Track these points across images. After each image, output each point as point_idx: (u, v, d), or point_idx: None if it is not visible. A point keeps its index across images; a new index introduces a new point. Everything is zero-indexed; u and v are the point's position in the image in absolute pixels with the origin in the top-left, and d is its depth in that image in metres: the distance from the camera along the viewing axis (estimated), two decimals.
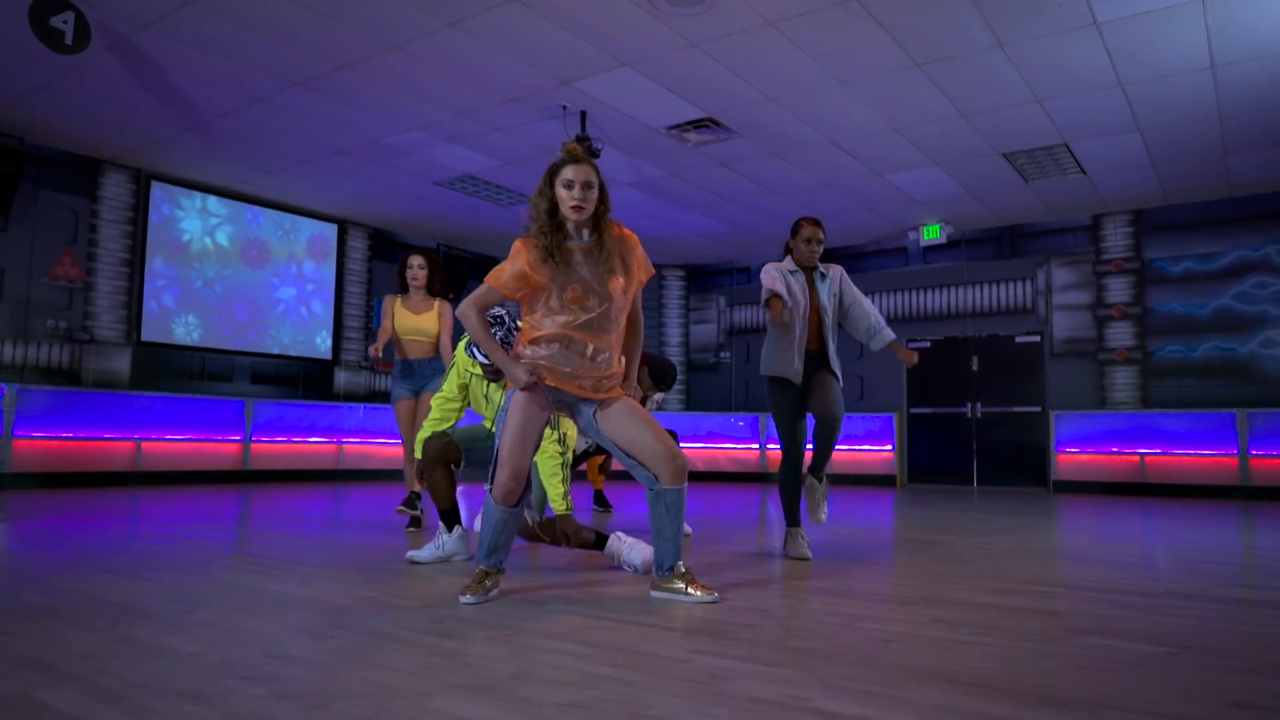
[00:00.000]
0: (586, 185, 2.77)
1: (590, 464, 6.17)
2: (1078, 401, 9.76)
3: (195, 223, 9.23)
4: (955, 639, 2.28)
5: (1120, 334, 9.60)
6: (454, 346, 5.09)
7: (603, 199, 2.84)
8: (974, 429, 10.47)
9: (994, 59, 5.97)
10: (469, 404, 3.93)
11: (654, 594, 2.86)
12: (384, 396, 10.93)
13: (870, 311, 4.09)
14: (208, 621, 2.39)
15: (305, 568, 3.44)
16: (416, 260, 5.18)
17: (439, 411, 3.88)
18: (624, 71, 6.30)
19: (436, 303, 5.19)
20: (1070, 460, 9.52)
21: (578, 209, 2.76)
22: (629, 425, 2.82)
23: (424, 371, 5.13)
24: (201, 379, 9.23)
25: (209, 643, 2.15)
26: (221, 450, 8.90)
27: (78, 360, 8.26)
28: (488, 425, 3.88)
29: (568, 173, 2.77)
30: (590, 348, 2.81)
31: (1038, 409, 10.05)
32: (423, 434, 3.87)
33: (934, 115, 6.99)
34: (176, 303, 9.03)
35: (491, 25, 5.59)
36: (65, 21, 5.13)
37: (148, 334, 8.75)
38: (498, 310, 3.35)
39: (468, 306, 2.81)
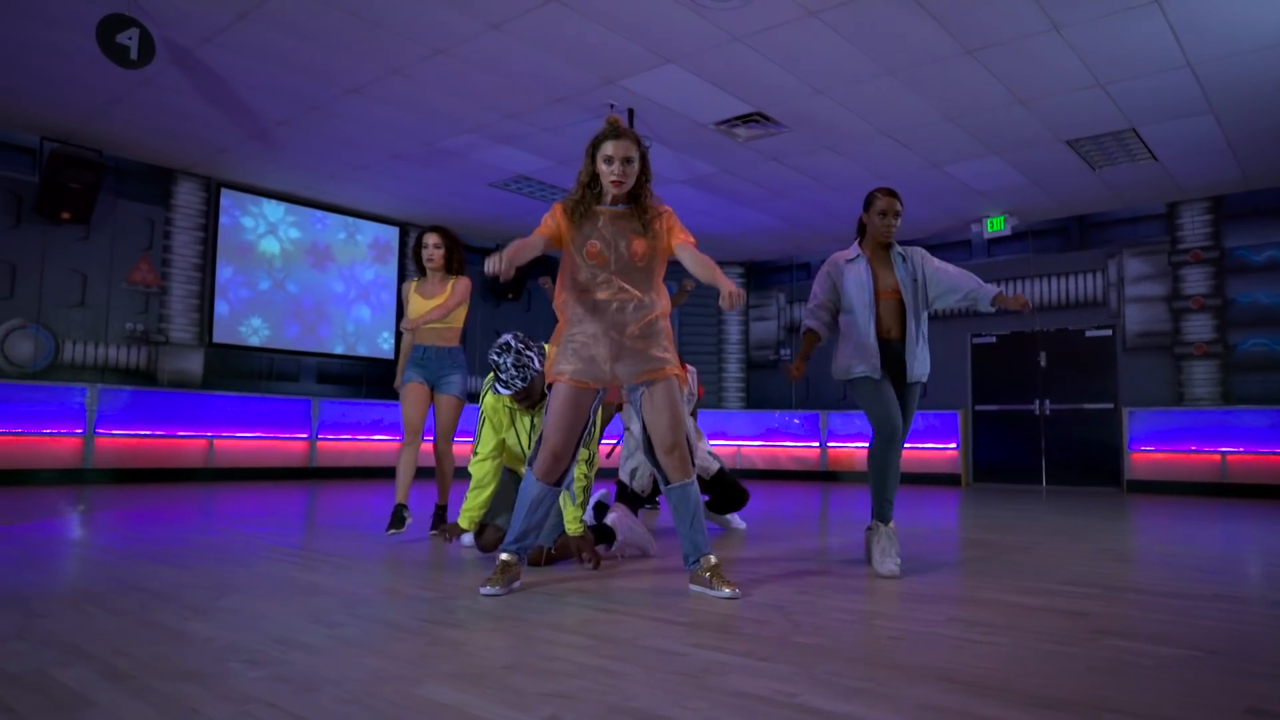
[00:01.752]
0: (626, 160, 2.85)
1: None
2: (1153, 398, 9.34)
3: (262, 228, 9.58)
4: (966, 638, 2.21)
5: (1199, 327, 9.15)
6: (456, 313, 4.49)
7: (644, 170, 2.92)
8: (1042, 426, 10.12)
9: (1050, 42, 5.75)
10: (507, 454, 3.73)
11: (691, 587, 2.86)
12: None
13: (959, 274, 3.56)
14: (232, 608, 2.48)
15: (343, 560, 3.53)
16: (432, 239, 4.54)
17: (478, 475, 3.60)
18: (668, 68, 6.29)
19: (452, 280, 4.51)
20: (1145, 459, 9.12)
21: (618, 184, 2.86)
22: (658, 410, 2.85)
23: (441, 362, 4.48)
24: (269, 379, 9.57)
25: (226, 628, 2.23)
26: (289, 448, 9.21)
27: (153, 361, 8.66)
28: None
29: (608, 148, 2.85)
30: (615, 303, 2.84)
31: (1110, 405, 9.65)
32: (468, 507, 3.60)
33: (990, 103, 6.78)
34: (245, 305, 9.39)
35: (532, 26, 5.65)
36: (130, 38, 5.38)
37: (218, 336, 9.11)
38: (506, 337, 3.41)
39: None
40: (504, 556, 2.84)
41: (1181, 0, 5.19)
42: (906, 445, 3.67)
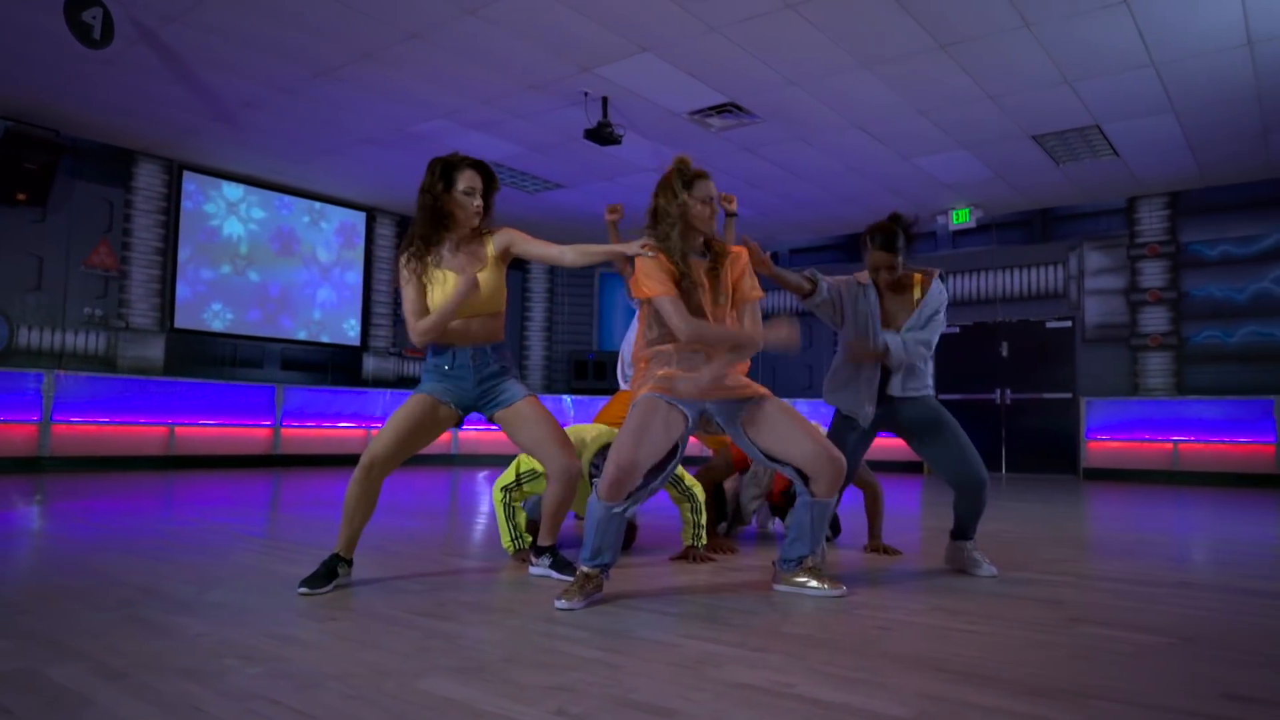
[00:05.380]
0: (710, 199, 2.73)
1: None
2: (1110, 388, 9.59)
3: (226, 212, 9.39)
4: (951, 627, 2.27)
5: (1154, 319, 9.40)
6: (500, 287, 2.92)
7: None
8: (1003, 415, 10.33)
9: (1020, 39, 5.84)
10: None
11: (777, 588, 2.75)
12: (413, 381, 11.05)
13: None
14: (218, 603, 2.46)
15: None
16: (475, 179, 2.86)
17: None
18: (644, 57, 6.27)
19: (490, 237, 2.91)
20: (1101, 447, 9.37)
21: (708, 221, 2.72)
22: (779, 427, 2.67)
23: (484, 366, 2.88)
24: (233, 365, 9.41)
25: (215, 623, 2.21)
26: (252, 435, 9.07)
27: (113, 347, 8.46)
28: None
29: (701, 188, 2.69)
30: (704, 355, 2.67)
31: (1068, 395, 9.89)
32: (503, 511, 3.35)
33: (960, 98, 6.87)
34: (208, 290, 9.20)
35: (508, 11, 5.59)
36: (94, 17, 5.23)
37: (181, 321, 8.93)
38: None
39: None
40: (584, 569, 2.61)
41: (1149, 1, 5.31)
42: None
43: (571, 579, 2.69)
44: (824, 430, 3.03)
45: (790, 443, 2.65)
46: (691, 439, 2.95)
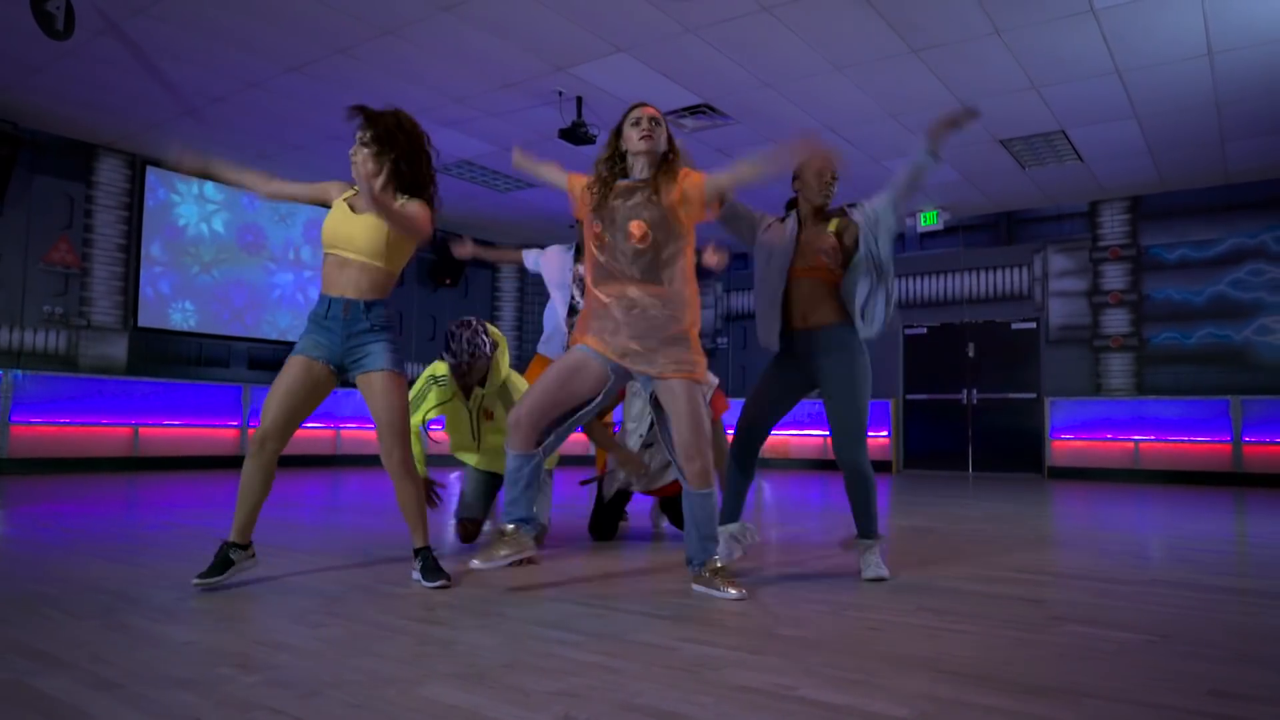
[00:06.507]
0: (654, 120, 2.80)
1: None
2: (1073, 388, 9.79)
3: (191, 208, 9.22)
4: (940, 627, 2.31)
5: (1116, 321, 9.62)
6: (397, 249, 2.85)
7: (673, 146, 2.85)
8: (970, 415, 10.51)
9: (991, 45, 5.95)
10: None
11: (695, 588, 2.74)
12: None
13: (890, 189, 3.14)
14: (202, 609, 2.42)
15: (300, 554, 3.46)
16: (360, 133, 2.88)
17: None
18: (619, 57, 6.28)
19: (401, 200, 2.84)
20: (1065, 447, 9.57)
21: (648, 138, 2.76)
22: (671, 407, 2.72)
23: (356, 322, 2.79)
24: (198, 364, 9.25)
25: (202, 630, 2.18)
26: (219, 435, 8.92)
27: (74, 346, 8.26)
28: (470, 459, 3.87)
29: (635, 112, 2.83)
30: (617, 304, 2.73)
31: (1033, 395, 10.09)
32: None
33: (930, 102, 6.96)
34: (173, 288, 9.03)
35: (487, 10, 5.57)
36: (57, 7, 5.12)
37: (144, 320, 8.75)
38: (470, 318, 3.62)
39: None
40: (507, 526, 2.72)
41: (1114, 11, 5.43)
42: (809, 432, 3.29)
43: (439, 584, 2.75)
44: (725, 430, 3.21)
45: (671, 424, 2.74)
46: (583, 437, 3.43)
